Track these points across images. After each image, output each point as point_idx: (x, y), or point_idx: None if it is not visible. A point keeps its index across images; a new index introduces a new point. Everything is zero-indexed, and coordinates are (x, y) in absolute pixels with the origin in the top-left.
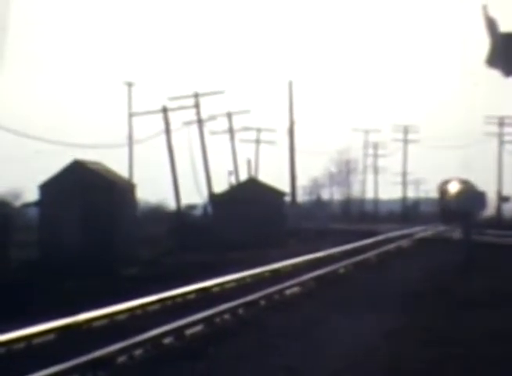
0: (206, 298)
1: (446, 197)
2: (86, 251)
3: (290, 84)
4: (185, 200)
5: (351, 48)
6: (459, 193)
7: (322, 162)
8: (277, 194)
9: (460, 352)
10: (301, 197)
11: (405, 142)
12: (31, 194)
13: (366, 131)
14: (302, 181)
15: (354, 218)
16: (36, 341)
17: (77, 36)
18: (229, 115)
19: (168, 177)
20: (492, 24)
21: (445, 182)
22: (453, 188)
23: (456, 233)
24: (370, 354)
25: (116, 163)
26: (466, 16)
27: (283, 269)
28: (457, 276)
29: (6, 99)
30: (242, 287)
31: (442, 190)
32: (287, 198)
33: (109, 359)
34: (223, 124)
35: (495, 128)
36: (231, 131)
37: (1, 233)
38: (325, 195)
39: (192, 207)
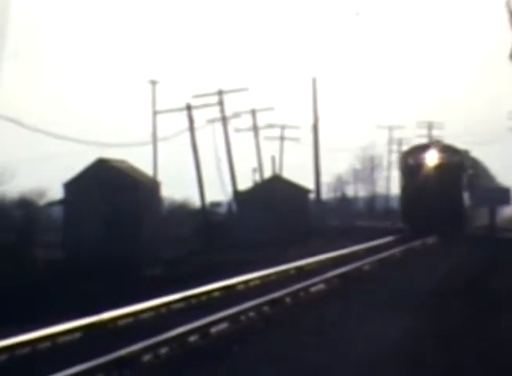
0: (231, 296)
1: (419, 178)
2: (111, 249)
3: (314, 80)
4: (210, 198)
5: (375, 44)
6: (441, 171)
7: (347, 159)
8: (301, 191)
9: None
10: (326, 194)
11: (430, 138)
12: (56, 193)
13: (391, 128)
14: (326, 178)
15: (379, 214)
16: (61, 339)
17: (102, 35)
18: (253, 112)
19: (193, 175)
20: None
21: (415, 151)
22: (431, 161)
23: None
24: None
25: (140, 161)
26: (490, 11)
27: (308, 266)
28: (481, 275)
29: (31, 98)
30: (267, 285)
31: (411, 165)
32: (312, 195)
33: (134, 357)
34: (247, 121)
35: None
36: (255, 128)
37: (25, 233)
38: (349, 192)
39: (216, 204)
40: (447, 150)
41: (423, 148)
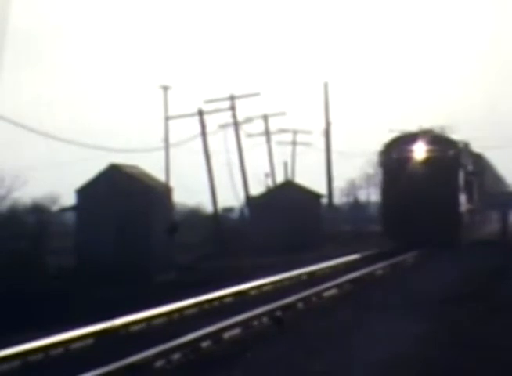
0: (243, 302)
1: (404, 176)
2: (122, 255)
3: (326, 85)
4: (222, 203)
5: (387, 48)
6: (432, 167)
7: (359, 164)
8: (314, 196)
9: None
10: (338, 199)
11: None
12: (68, 199)
13: (403, 132)
14: (339, 182)
15: None
16: (74, 346)
17: (114, 40)
18: (265, 117)
19: (205, 180)
20: None
21: (399, 142)
22: (419, 154)
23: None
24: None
25: (152, 167)
26: (504, 14)
27: (320, 271)
28: (494, 280)
29: (42, 104)
30: (279, 290)
31: (394, 160)
32: (324, 200)
33: (146, 363)
34: (259, 126)
35: None
36: (267, 133)
37: (38, 239)
38: (362, 197)
39: (228, 210)
40: (439, 141)
41: (410, 139)
